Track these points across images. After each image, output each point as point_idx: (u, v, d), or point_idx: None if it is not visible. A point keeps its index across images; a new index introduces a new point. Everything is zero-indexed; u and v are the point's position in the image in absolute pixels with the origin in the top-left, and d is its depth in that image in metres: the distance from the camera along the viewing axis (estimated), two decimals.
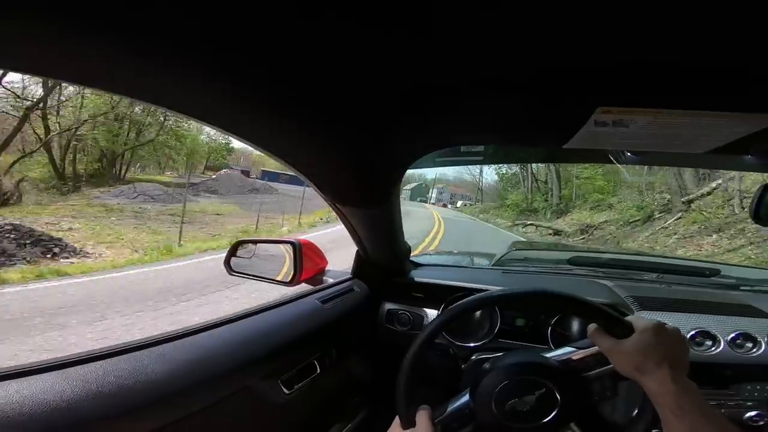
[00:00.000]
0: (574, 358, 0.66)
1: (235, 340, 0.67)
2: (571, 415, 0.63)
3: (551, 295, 0.64)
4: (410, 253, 1.18)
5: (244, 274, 1.14)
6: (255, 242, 1.17)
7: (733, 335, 0.91)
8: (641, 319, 0.61)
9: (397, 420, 0.66)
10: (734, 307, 0.99)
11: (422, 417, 0.63)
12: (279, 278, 1.11)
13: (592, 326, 0.63)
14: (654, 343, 0.56)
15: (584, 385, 0.65)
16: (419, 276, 1.19)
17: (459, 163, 0.83)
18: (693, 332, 0.92)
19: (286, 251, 1.13)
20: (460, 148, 0.79)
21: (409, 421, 0.63)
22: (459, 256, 1.81)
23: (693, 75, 0.38)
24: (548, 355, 0.68)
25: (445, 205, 49.73)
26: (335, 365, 0.95)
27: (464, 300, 0.65)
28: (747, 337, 0.90)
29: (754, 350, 0.89)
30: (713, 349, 0.90)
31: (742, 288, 1.20)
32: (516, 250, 1.55)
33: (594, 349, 0.64)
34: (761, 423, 0.89)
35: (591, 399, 0.67)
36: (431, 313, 1.12)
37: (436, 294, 1.12)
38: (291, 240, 1.05)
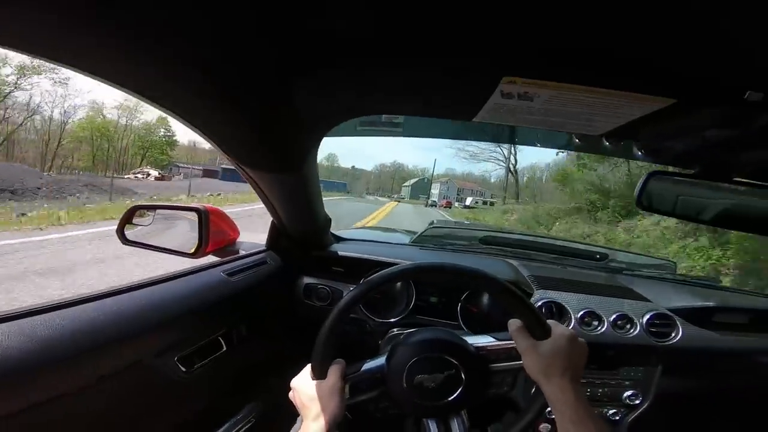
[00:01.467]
0: (489, 347, 0.69)
1: (124, 313, 0.61)
2: (469, 401, 0.66)
3: (488, 279, 0.65)
4: (330, 224, 1.14)
5: (140, 243, 1.01)
6: (154, 208, 1.04)
7: (614, 316, 1.01)
8: (559, 325, 0.65)
9: (307, 368, 0.65)
10: (617, 290, 1.11)
11: (335, 370, 0.64)
12: (183, 250, 1.00)
13: (515, 323, 0.65)
14: (566, 351, 0.60)
15: (488, 375, 0.68)
16: (340, 250, 1.16)
17: (379, 134, 0.81)
18: (582, 312, 1.01)
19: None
20: (381, 118, 0.76)
21: (321, 372, 0.63)
22: (382, 231, 1.82)
23: (593, 54, 0.39)
24: (468, 339, 0.70)
25: (449, 204, 42.14)
26: (245, 342, 0.90)
27: (384, 271, 0.64)
28: (626, 318, 1.01)
29: (631, 331, 1.01)
30: (599, 328, 1.00)
31: (625, 272, 1.36)
32: (434, 227, 1.60)
33: (510, 344, 0.66)
34: (637, 402, 1.02)
35: (489, 390, 0.71)
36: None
37: (356, 268, 1.10)
38: (196, 206, 0.95)
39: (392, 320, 1.07)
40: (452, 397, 0.65)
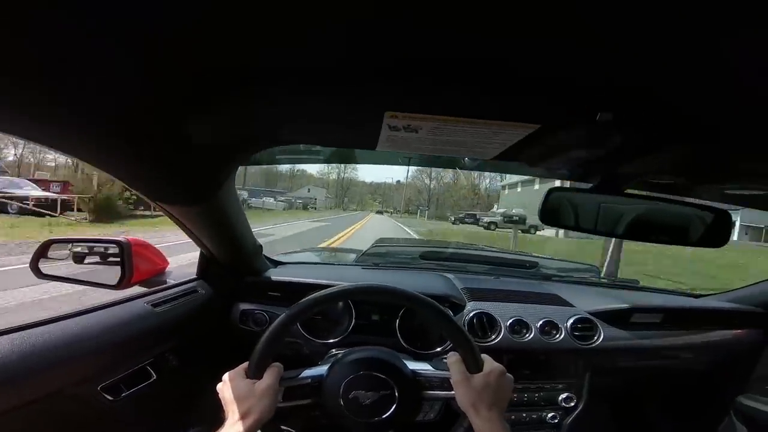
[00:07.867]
0: (426, 374, 0.71)
1: (41, 344, 0.59)
2: (398, 423, 0.67)
3: (432, 308, 0.68)
4: (261, 250, 1.14)
5: (57, 277, 0.96)
6: (70, 242, 1.00)
7: (541, 323, 1.06)
8: (490, 360, 0.67)
9: (240, 367, 0.65)
10: (544, 297, 1.17)
11: (271, 373, 0.63)
12: (106, 282, 0.96)
13: (455, 355, 0.68)
14: (495, 386, 0.63)
15: (420, 401, 0.70)
16: (277, 275, 1.15)
17: (300, 161, 0.83)
18: (511, 320, 1.06)
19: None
20: (300, 146, 0.78)
21: (257, 372, 0.63)
22: (324, 253, 1.83)
23: (459, 88, 0.42)
24: (408, 363, 0.72)
25: None
26: (178, 371, 0.88)
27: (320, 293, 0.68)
28: (552, 324, 1.07)
29: (557, 336, 1.06)
30: (527, 336, 1.05)
31: (553, 279, 1.44)
32: (377, 246, 1.63)
33: (446, 374, 0.69)
34: (572, 404, 1.06)
35: (418, 415, 0.73)
36: None
37: (294, 293, 1.09)
38: (116, 239, 0.92)
39: (331, 341, 1.07)
40: (383, 417, 0.66)
